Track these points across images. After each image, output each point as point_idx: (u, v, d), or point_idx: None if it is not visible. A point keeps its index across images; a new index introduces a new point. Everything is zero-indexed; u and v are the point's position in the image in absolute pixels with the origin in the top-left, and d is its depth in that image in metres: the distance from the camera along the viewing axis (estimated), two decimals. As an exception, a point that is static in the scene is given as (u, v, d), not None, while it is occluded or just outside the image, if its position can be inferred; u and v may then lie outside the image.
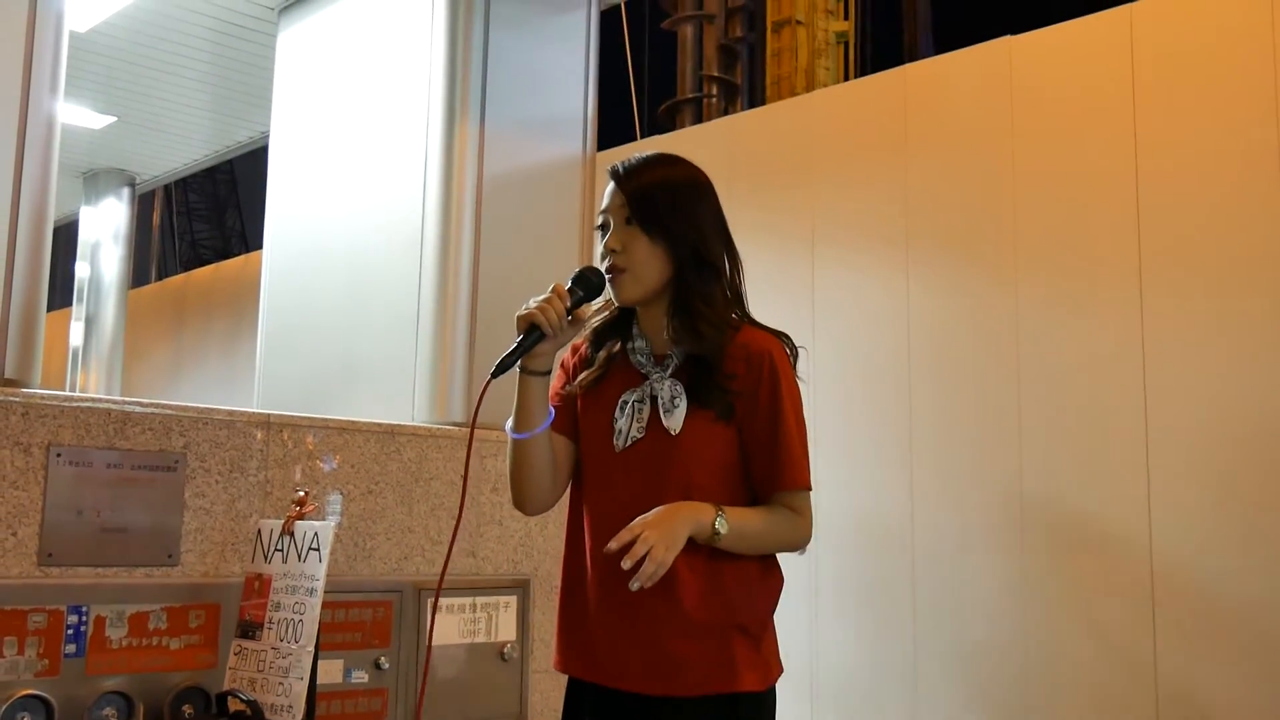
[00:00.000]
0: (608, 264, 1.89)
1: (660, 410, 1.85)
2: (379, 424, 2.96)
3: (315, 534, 2.46)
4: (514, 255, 3.31)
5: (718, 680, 1.80)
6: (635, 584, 1.69)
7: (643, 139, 7.80)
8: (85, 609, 2.41)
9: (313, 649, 2.38)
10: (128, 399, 2.58)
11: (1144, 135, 4.95)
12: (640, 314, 1.95)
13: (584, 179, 3.59)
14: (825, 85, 9.13)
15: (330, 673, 2.69)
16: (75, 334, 6.85)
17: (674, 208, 1.88)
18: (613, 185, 1.92)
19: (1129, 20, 5.06)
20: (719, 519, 1.79)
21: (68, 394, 2.52)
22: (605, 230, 1.92)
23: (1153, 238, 4.87)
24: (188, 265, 16.45)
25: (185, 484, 2.61)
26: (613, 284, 1.89)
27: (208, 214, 18.97)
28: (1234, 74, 4.73)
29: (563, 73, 3.60)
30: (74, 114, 5.44)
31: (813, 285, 6.05)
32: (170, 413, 2.60)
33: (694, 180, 1.94)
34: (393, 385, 3.25)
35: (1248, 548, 4.48)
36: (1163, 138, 4.89)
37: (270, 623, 2.45)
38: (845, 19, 10.23)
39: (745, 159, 6.60)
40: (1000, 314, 5.31)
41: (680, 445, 1.84)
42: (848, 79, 9.75)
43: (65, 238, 6.28)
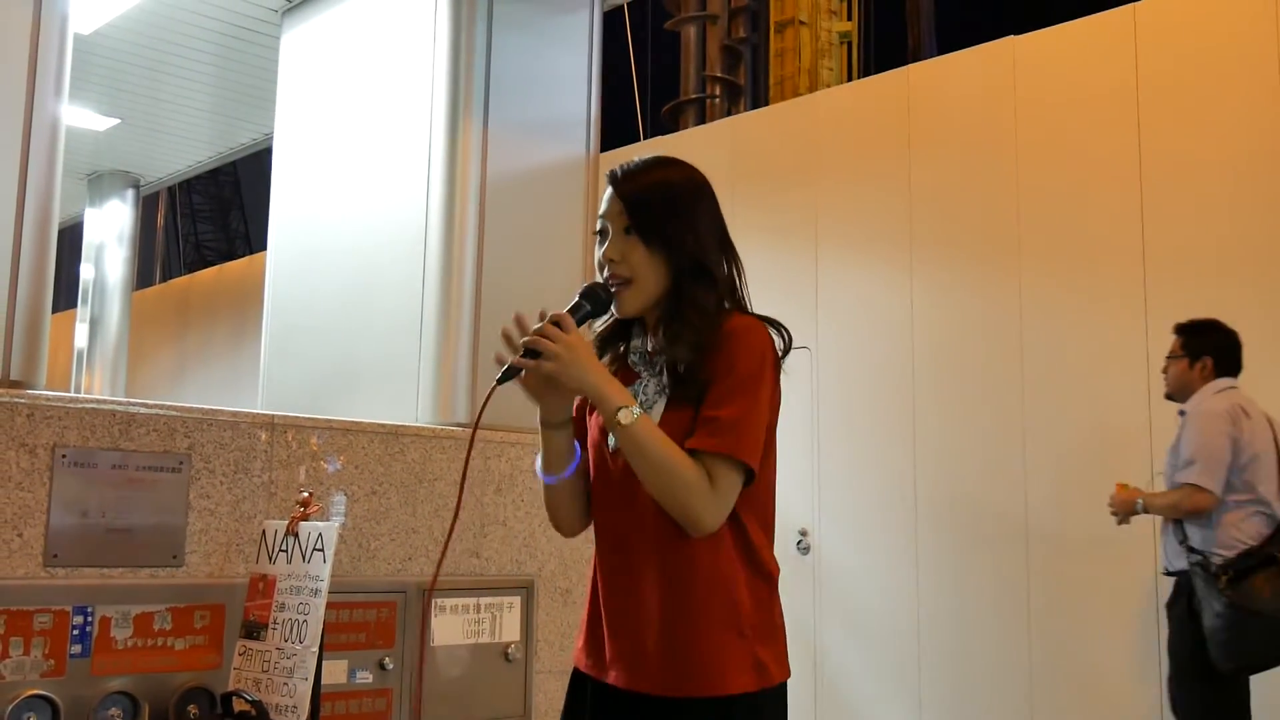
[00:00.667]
0: (608, 274, 1.89)
1: (644, 408, 1.84)
2: (383, 425, 2.96)
3: (319, 535, 2.47)
4: (517, 256, 3.32)
5: (709, 681, 1.79)
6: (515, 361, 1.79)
7: (646, 140, 7.80)
8: (90, 609, 2.42)
9: (317, 649, 2.39)
10: (133, 400, 2.59)
11: (1147, 135, 4.94)
12: (640, 322, 1.96)
13: (587, 180, 3.60)
14: (829, 86, 9.14)
15: (335, 673, 2.69)
16: (80, 336, 6.86)
17: (672, 215, 1.87)
18: (611, 190, 1.91)
19: (1132, 20, 5.06)
20: (632, 410, 1.76)
21: (73, 395, 2.52)
22: (604, 237, 1.91)
23: (1157, 236, 4.87)
24: (192, 267, 16.48)
25: (190, 485, 2.62)
26: (617, 297, 1.89)
27: (211, 215, 19.00)
28: (1237, 73, 4.73)
29: (566, 74, 3.61)
30: (78, 116, 5.45)
31: (817, 285, 6.05)
32: (175, 414, 2.61)
33: (692, 184, 1.93)
34: (396, 386, 3.26)
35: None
36: (1166, 137, 4.89)
37: (275, 623, 2.45)
38: (848, 19, 10.23)
39: (749, 160, 6.61)
40: (1004, 313, 5.31)
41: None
42: (851, 79, 9.74)
43: (70, 240, 6.29)
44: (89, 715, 2.39)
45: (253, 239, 17.55)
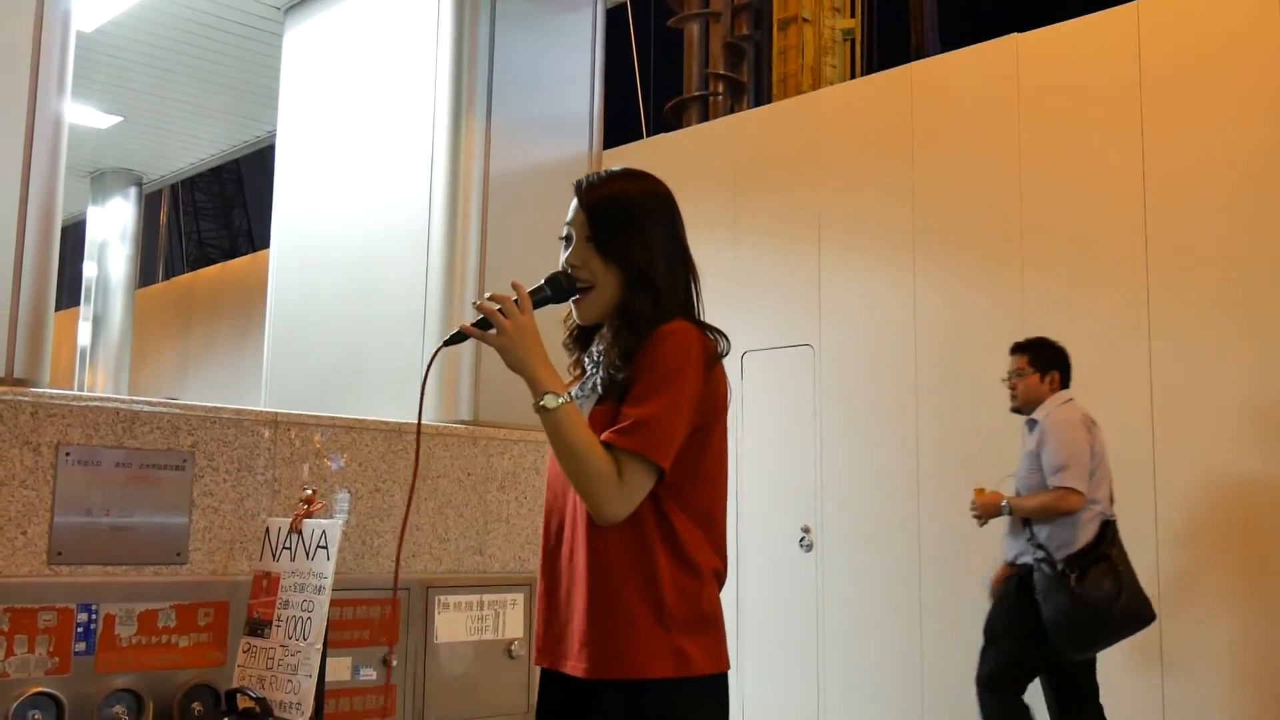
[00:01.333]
0: (576, 279, 1.99)
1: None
2: (386, 422, 2.96)
3: (323, 532, 2.47)
4: (520, 254, 3.32)
5: (626, 664, 1.87)
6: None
7: (649, 137, 7.80)
8: (95, 607, 2.42)
9: (321, 646, 2.39)
10: (136, 398, 2.59)
11: (1151, 133, 4.94)
12: (601, 328, 2.06)
13: (590, 177, 3.59)
14: (832, 83, 9.13)
15: (338, 670, 2.69)
16: (83, 334, 6.87)
17: (626, 227, 1.97)
18: (575, 200, 2.02)
19: (1136, 17, 5.05)
20: (558, 397, 1.85)
21: (76, 393, 2.53)
22: (568, 242, 2.01)
23: (1160, 234, 4.86)
24: (194, 264, 16.48)
25: (193, 483, 2.62)
26: (577, 304, 2.00)
27: (214, 213, 19.01)
28: (1241, 71, 4.72)
29: (568, 71, 3.60)
30: (81, 114, 5.45)
31: (819, 282, 6.05)
32: (178, 412, 2.61)
33: (651, 198, 2.02)
34: (399, 383, 3.26)
35: (1257, 531, 4.47)
36: (1170, 135, 4.89)
37: (279, 620, 2.46)
38: (851, 16, 10.23)
39: (751, 157, 6.60)
40: (1007, 310, 5.30)
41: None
42: (854, 77, 9.74)
43: (72, 238, 6.30)
44: (93, 713, 2.40)
45: (255, 236, 17.55)
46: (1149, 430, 4.77)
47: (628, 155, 7.17)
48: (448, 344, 1.97)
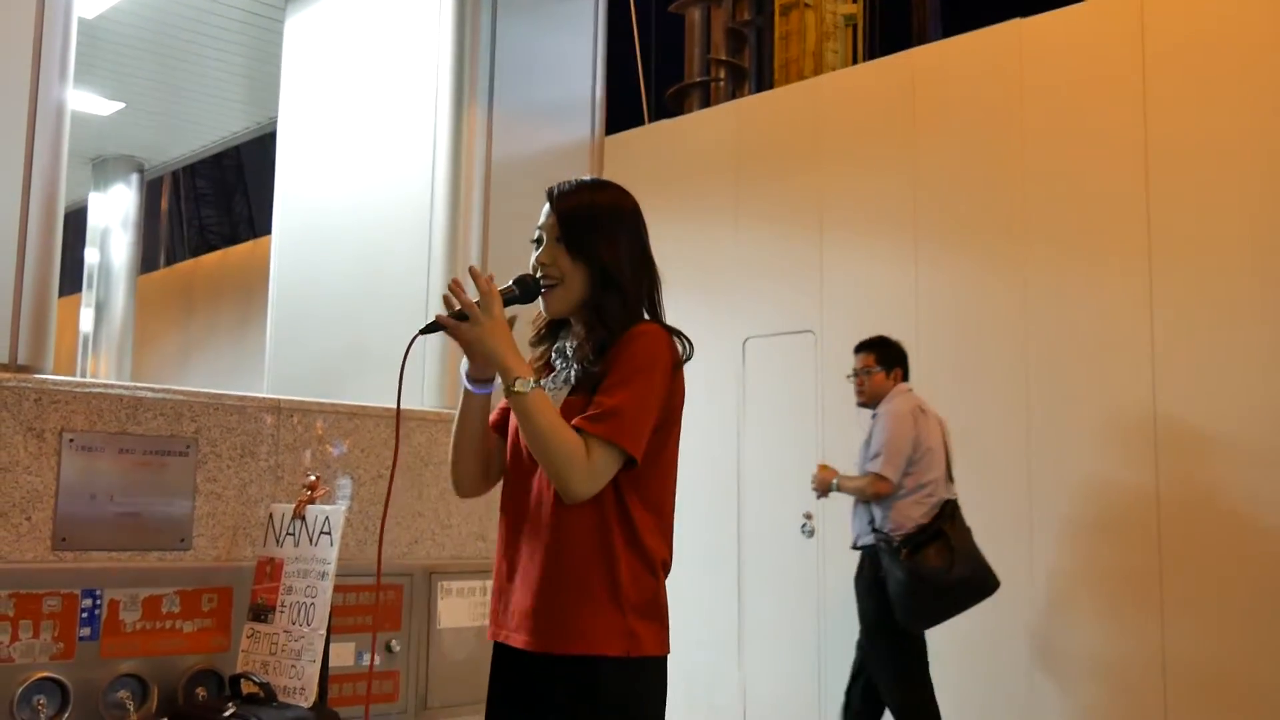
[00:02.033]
0: (541, 276, 2.12)
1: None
2: (388, 409, 2.97)
3: (326, 518, 2.48)
4: (522, 240, 3.28)
5: (580, 641, 1.98)
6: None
7: (650, 123, 7.78)
8: (99, 592, 2.43)
9: (324, 632, 2.40)
10: (139, 384, 2.59)
11: (1154, 119, 4.93)
12: (570, 324, 2.18)
13: (593, 164, 3.59)
14: (833, 69, 9.11)
15: (342, 655, 2.71)
16: (85, 320, 6.86)
17: (593, 230, 2.10)
18: (547, 205, 2.15)
19: (1139, 3, 5.03)
20: (529, 383, 1.97)
21: (80, 380, 2.53)
22: (539, 244, 2.15)
23: (1162, 220, 4.86)
24: (196, 251, 16.46)
25: (197, 469, 2.63)
26: (544, 297, 2.13)
27: (215, 199, 18.96)
28: (1245, 57, 4.71)
29: (571, 57, 3.60)
30: (82, 100, 5.44)
31: (821, 268, 6.05)
32: (181, 398, 2.62)
33: (616, 207, 2.15)
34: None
35: (1256, 530, 4.48)
36: (1173, 121, 4.88)
37: (282, 606, 2.47)
38: (854, 2, 10.19)
39: (753, 143, 6.59)
40: (1009, 296, 5.30)
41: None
42: (856, 62, 9.71)
43: (74, 224, 6.28)
44: (98, 697, 2.41)
45: (256, 223, 17.52)
46: (1151, 417, 4.78)
47: (630, 141, 7.16)
48: (424, 333, 2.10)
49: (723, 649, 6.23)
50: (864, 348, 4.96)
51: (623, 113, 7.39)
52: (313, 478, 2.63)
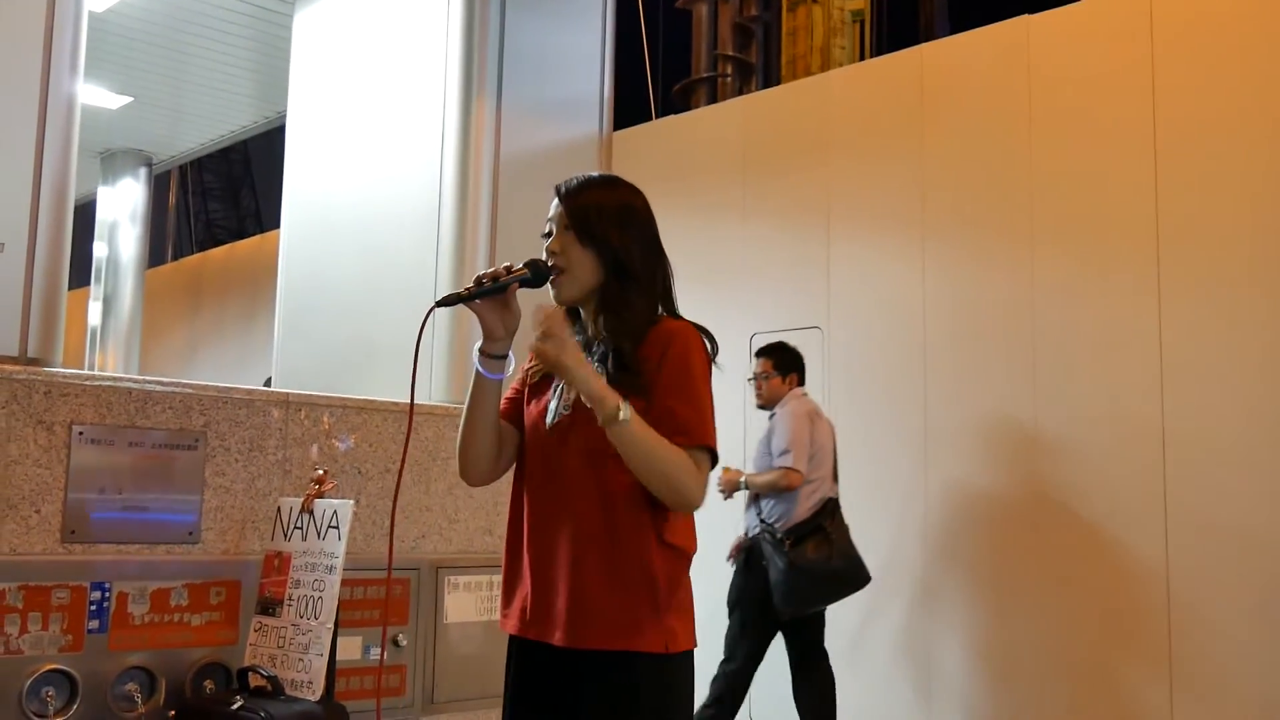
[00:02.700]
0: (551, 264, 2.11)
1: None
2: (396, 403, 2.97)
3: (334, 512, 2.49)
4: (530, 235, 3.29)
5: (619, 637, 1.97)
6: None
7: (657, 119, 7.78)
8: (108, 585, 2.44)
9: (332, 625, 2.41)
10: (149, 378, 2.60)
11: (1162, 114, 4.92)
12: (581, 314, 2.17)
13: (601, 159, 3.59)
14: (841, 65, 9.09)
15: (349, 649, 2.71)
16: (93, 314, 6.89)
17: (603, 218, 2.11)
18: (556, 200, 2.16)
19: (1148, -2, 5.01)
20: (624, 407, 1.93)
21: (90, 373, 2.54)
22: (549, 238, 2.15)
23: (1171, 216, 4.85)
24: (202, 245, 16.49)
25: (205, 462, 2.63)
26: (554, 284, 2.11)
27: (222, 194, 18.99)
28: (1255, 51, 4.70)
29: (579, 53, 3.60)
30: (91, 94, 5.45)
31: (829, 264, 6.04)
32: (190, 392, 2.62)
33: (623, 201, 2.16)
34: (410, 364, 3.26)
35: (1268, 521, 4.47)
36: (1183, 117, 4.86)
37: (290, 600, 2.47)
38: (861, -3, 10.17)
39: (760, 139, 6.59)
40: (1016, 293, 5.30)
41: (596, 418, 1.99)
42: (863, 58, 9.69)
43: (83, 218, 6.28)
44: (106, 690, 2.42)
45: (263, 217, 17.55)
46: (1159, 412, 4.77)
47: (637, 137, 7.15)
48: (441, 305, 2.14)
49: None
50: (763, 353, 5.30)
51: (629, 108, 7.39)
52: (321, 472, 2.64)
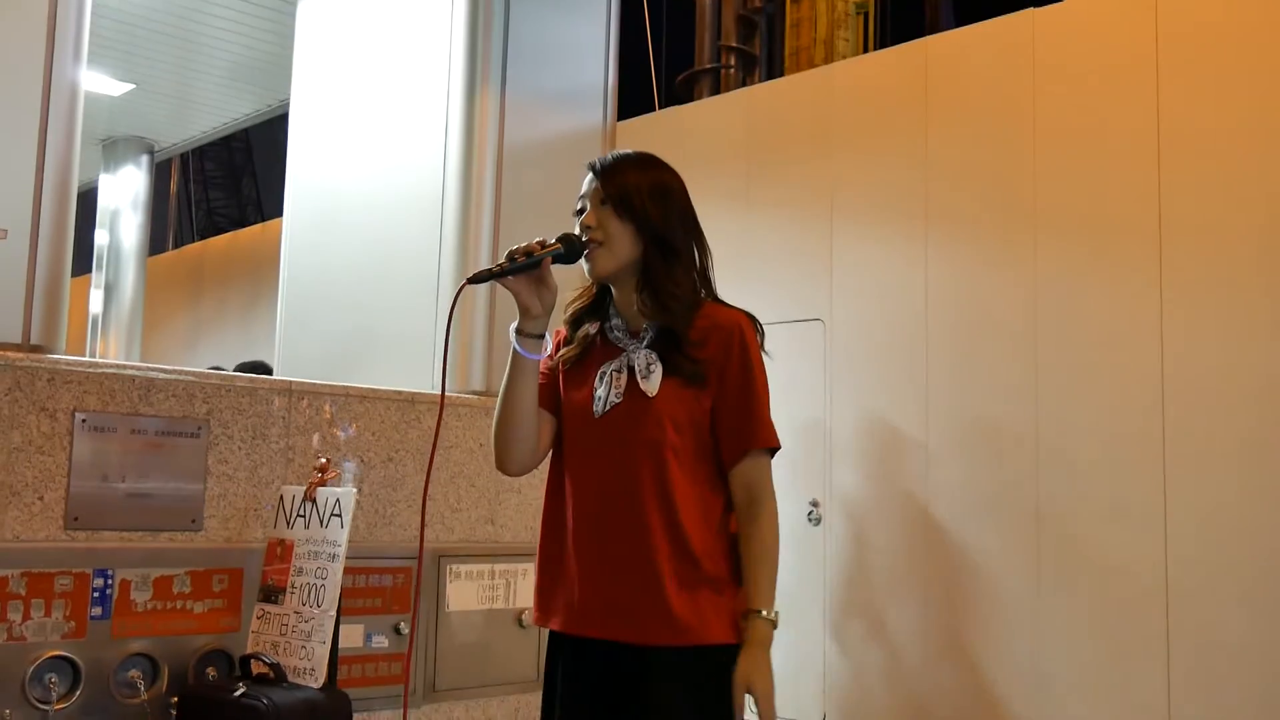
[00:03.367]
0: (587, 238, 2.04)
1: (637, 376, 2.02)
2: (399, 392, 2.97)
3: (337, 500, 2.49)
4: (534, 225, 3.29)
5: (691, 632, 1.94)
6: None
7: (661, 110, 7.77)
8: (111, 572, 2.45)
9: (334, 614, 2.41)
10: (151, 365, 2.60)
11: (1167, 108, 4.91)
12: (615, 295, 2.10)
13: (604, 149, 3.59)
14: (844, 57, 9.08)
15: (351, 637, 2.72)
16: (95, 301, 6.89)
17: (643, 192, 2.05)
18: (590, 175, 2.10)
19: (1153, -8, 5.00)
20: (762, 615, 1.95)
21: (93, 360, 2.54)
22: (580, 215, 2.09)
23: (1174, 211, 4.84)
24: (204, 233, 16.47)
25: (208, 450, 2.64)
26: (589, 257, 2.04)
27: (224, 182, 18.97)
28: (1259, 46, 4.69)
29: (583, 43, 3.59)
30: (93, 81, 5.44)
31: (831, 257, 6.04)
32: (193, 379, 2.62)
33: (663, 180, 2.10)
34: (412, 353, 3.27)
35: (1268, 521, 4.48)
36: (1187, 111, 4.86)
37: (293, 587, 2.48)
38: (865, -10, 10.14)
39: (763, 131, 6.58)
40: (1019, 286, 5.29)
41: (655, 406, 1.99)
42: (867, 51, 9.67)
43: (84, 205, 6.28)
44: (109, 676, 2.42)
45: (264, 206, 17.53)
46: (1159, 408, 4.77)
47: (641, 128, 7.14)
48: (473, 281, 2.06)
49: (728, 636, 6.24)
50: None
51: (633, 99, 7.37)
52: (324, 460, 2.64)
